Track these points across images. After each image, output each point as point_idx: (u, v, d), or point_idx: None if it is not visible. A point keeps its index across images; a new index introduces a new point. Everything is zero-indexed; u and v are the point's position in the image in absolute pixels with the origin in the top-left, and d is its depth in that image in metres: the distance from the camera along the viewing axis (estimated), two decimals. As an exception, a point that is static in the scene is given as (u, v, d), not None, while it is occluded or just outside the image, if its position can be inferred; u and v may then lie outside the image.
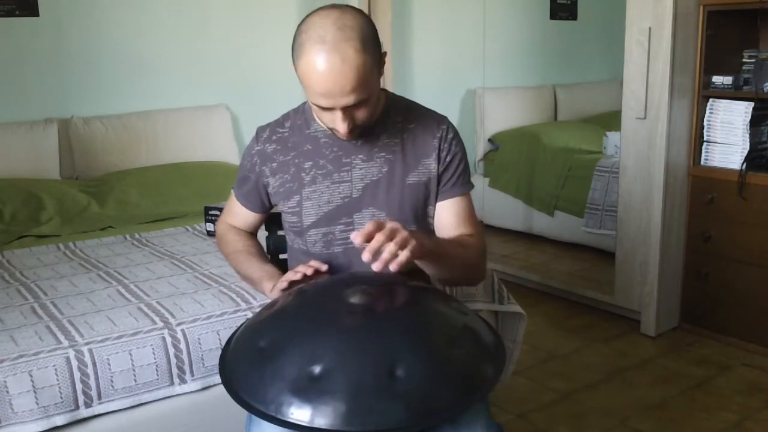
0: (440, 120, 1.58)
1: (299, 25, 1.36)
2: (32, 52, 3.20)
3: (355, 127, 1.41)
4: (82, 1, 3.30)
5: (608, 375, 2.78)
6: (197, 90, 3.65)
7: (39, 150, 3.13)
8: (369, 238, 1.26)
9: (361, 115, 1.40)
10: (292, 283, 1.42)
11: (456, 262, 1.49)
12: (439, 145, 1.54)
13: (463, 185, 1.57)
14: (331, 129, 1.46)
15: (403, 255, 1.26)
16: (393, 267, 1.25)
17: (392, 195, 1.52)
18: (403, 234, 1.27)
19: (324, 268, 1.42)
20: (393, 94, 1.60)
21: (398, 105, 1.57)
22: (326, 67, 1.30)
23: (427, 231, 1.57)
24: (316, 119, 1.52)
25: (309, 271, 1.39)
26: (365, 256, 1.25)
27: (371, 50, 1.34)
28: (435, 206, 1.58)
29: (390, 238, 1.26)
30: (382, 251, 1.25)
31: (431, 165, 1.54)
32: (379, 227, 1.27)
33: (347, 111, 1.37)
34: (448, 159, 1.55)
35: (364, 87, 1.34)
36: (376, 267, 1.25)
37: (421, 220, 1.56)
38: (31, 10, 3.16)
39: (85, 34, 3.32)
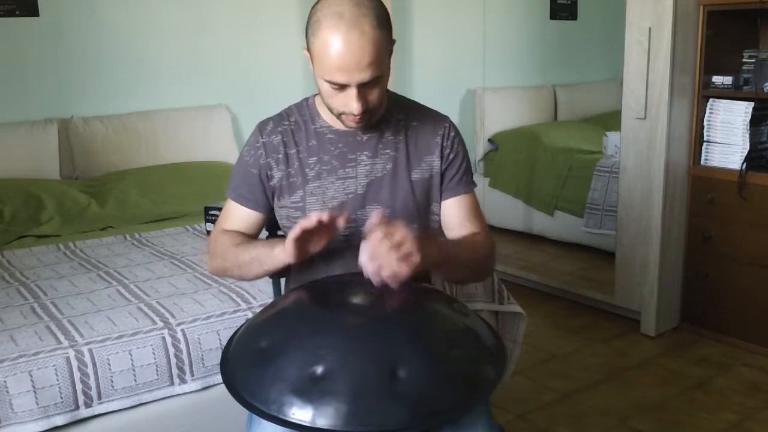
0: (442, 119, 1.60)
1: (313, 6, 1.38)
2: (32, 52, 3.20)
3: (366, 110, 1.41)
4: (82, 1, 3.29)
5: (608, 375, 2.78)
6: (197, 90, 3.65)
7: (39, 150, 3.13)
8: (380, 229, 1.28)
9: (373, 96, 1.41)
10: (305, 232, 1.35)
11: (466, 265, 1.51)
12: (442, 143, 1.56)
13: (467, 183, 1.59)
14: (340, 116, 1.45)
15: (403, 271, 1.27)
16: (393, 284, 1.28)
17: (396, 192, 1.53)
18: (407, 247, 1.27)
19: (325, 218, 1.36)
20: (394, 93, 1.61)
21: (400, 103, 1.59)
22: (344, 41, 1.32)
23: (429, 229, 1.58)
24: (326, 106, 1.48)
25: (325, 218, 1.34)
26: (364, 261, 1.27)
27: (386, 28, 1.37)
28: (439, 204, 1.59)
29: (397, 246, 1.26)
30: (382, 266, 1.27)
31: (434, 162, 1.55)
32: (391, 227, 1.28)
33: (362, 90, 1.37)
34: (451, 157, 1.57)
35: (380, 63, 1.36)
36: (374, 280, 1.27)
37: (423, 218, 1.56)
38: (31, 10, 3.16)
39: (85, 34, 3.32)
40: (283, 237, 1.65)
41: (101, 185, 3.08)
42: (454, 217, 1.59)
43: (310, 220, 1.33)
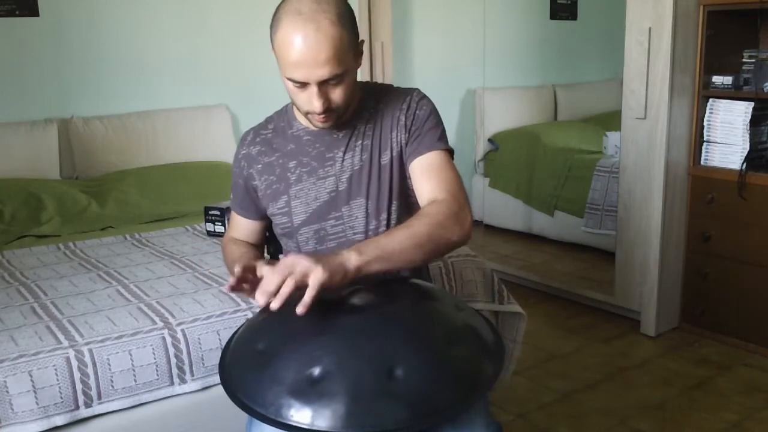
0: (407, 92, 1.55)
1: (278, 5, 1.38)
2: (32, 52, 3.20)
3: (330, 109, 1.40)
4: (82, 1, 3.30)
5: (608, 375, 2.78)
6: (197, 90, 3.65)
7: (39, 150, 3.13)
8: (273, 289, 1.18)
9: (336, 95, 1.39)
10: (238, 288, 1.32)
11: (404, 249, 1.32)
12: (405, 114, 1.51)
13: (432, 142, 1.48)
14: (307, 115, 1.44)
15: (308, 293, 1.16)
16: (299, 310, 1.16)
17: (373, 181, 1.51)
18: (302, 266, 1.18)
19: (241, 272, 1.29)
20: (365, 82, 1.58)
21: (371, 91, 1.56)
22: (301, 36, 1.31)
23: (407, 209, 1.54)
24: (293, 107, 1.50)
25: (235, 278, 1.28)
26: (259, 299, 1.17)
27: (347, 27, 1.36)
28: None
29: (287, 274, 1.18)
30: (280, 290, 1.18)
31: (399, 137, 1.51)
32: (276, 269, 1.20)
33: (322, 88, 1.37)
34: (412, 121, 1.50)
35: (338, 60, 1.34)
36: (273, 305, 1.16)
37: (399, 199, 1.53)
38: (31, 10, 3.16)
39: (85, 34, 3.32)
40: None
41: (101, 185, 3.08)
42: (415, 181, 1.48)
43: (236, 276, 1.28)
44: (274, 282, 1.17)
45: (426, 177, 1.47)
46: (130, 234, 2.63)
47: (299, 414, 1.11)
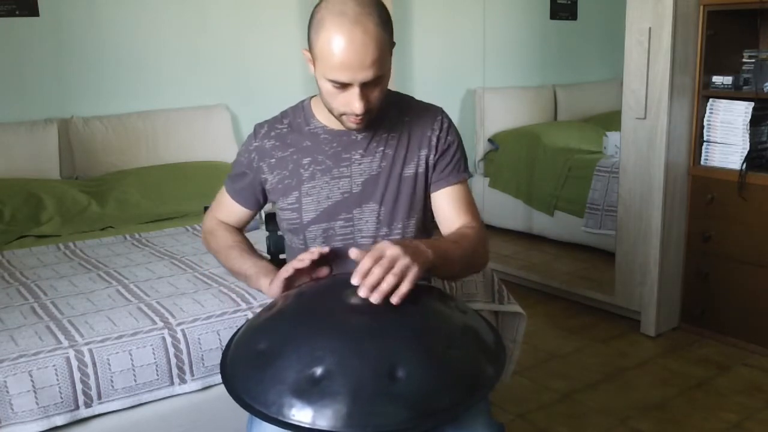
0: (436, 111, 1.59)
1: (317, 5, 1.38)
2: (32, 52, 3.20)
3: (367, 110, 1.41)
4: (82, 1, 3.30)
5: (608, 375, 2.78)
6: (197, 90, 3.65)
7: (39, 150, 3.13)
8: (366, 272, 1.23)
9: (375, 96, 1.40)
10: (296, 272, 1.41)
11: (458, 262, 1.45)
12: (437, 136, 1.55)
13: (459, 173, 1.56)
14: (341, 116, 1.44)
15: (405, 286, 1.23)
16: (394, 300, 1.22)
17: (390, 189, 1.52)
18: (403, 261, 1.24)
19: (326, 250, 1.43)
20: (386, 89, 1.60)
21: (392, 98, 1.57)
22: (348, 39, 1.32)
23: (423, 224, 1.57)
24: (326, 107, 1.47)
25: (315, 255, 1.39)
26: (362, 292, 1.21)
27: (388, 29, 1.38)
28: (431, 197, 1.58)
29: (389, 267, 1.23)
30: (380, 284, 1.22)
31: (427, 156, 1.54)
32: (377, 257, 1.24)
33: (364, 89, 1.37)
34: (444, 147, 1.55)
35: (382, 63, 1.36)
36: (374, 299, 1.21)
37: (417, 213, 1.55)
38: (31, 10, 3.16)
39: (85, 34, 3.32)
40: (281, 236, 1.69)
41: (101, 185, 3.08)
42: (446, 208, 1.55)
43: (304, 261, 1.39)
44: (377, 275, 1.22)
45: (456, 207, 1.55)
46: (130, 234, 2.62)
47: (301, 413, 1.11)
